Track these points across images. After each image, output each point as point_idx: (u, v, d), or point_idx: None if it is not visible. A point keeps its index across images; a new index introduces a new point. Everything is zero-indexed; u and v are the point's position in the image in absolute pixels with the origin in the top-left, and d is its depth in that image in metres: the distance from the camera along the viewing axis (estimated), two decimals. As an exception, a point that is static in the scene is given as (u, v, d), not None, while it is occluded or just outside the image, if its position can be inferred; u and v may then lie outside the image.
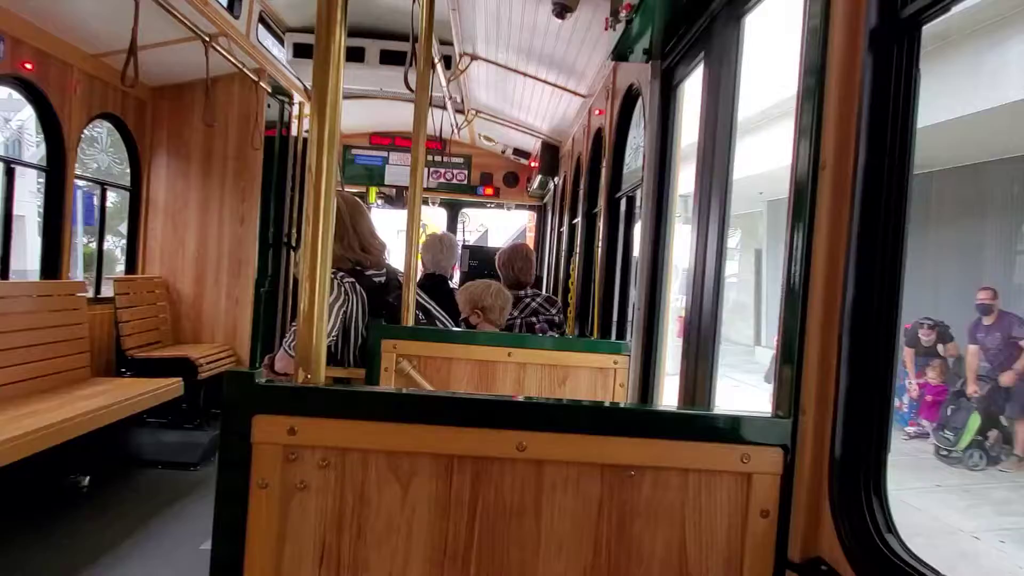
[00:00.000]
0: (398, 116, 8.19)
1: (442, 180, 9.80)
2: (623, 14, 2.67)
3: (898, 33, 1.22)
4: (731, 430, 1.33)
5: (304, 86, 7.16)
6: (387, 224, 11.07)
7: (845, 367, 1.24)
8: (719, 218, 2.24)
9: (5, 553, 3.75)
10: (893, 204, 1.21)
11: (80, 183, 7.44)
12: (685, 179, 3.01)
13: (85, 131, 5.57)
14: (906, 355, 8.73)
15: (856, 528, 1.20)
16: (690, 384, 2.36)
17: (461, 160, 9.77)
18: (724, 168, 2.22)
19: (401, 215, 10.28)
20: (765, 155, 10.73)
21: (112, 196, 6.42)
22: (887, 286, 1.24)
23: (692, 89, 2.84)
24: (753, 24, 2.13)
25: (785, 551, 1.33)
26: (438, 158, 9.40)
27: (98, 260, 6.19)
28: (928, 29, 1.20)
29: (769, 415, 1.36)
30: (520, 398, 1.54)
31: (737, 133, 2.18)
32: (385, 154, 9.54)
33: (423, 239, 4.67)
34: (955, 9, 1.19)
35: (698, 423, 1.35)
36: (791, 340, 1.34)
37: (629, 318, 4.09)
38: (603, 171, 4.69)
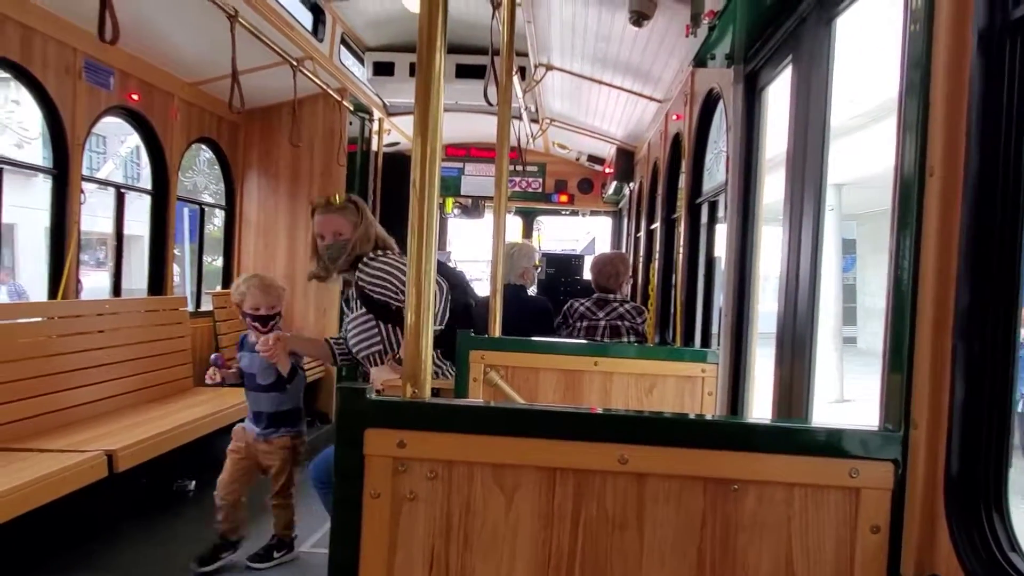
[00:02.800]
0: (473, 128, 8.33)
1: (517, 189, 9.89)
2: (706, 21, 2.65)
3: (1010, 33, 1.18)
4: (838, 444, 1.31)
5: (383, 102, 7.38)
6: (465, 233, 11.21)
7: (960, 378, 1.20)
8: (813, 223, 2.19)
9: (122, 551, 4.01)
10: (1009, 210, 1.17)
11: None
12: (771, 184, 2.96)
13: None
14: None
15: (976, 546, 1.16)
16: (785, 393, 2.32)
17: (536, 168, 9.84)
18: (817, 172, 2.17)
19: (475, 224, 10.44)
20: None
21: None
22: (1004, 293, 1.19)
23: (777, 92, 2.79)
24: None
25: (897, 568, 1.29)
26: (513, 167, 9.49)
27: (198, 276, 6.55)
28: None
29: (878, 428, 1.33)
30: (622, 411, 1.56)
31: (831, 137, 2.13)
32: (461, 165, 9.71)
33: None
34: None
35: (803, 437, 1.33)
36: (899, 351, 1.31)
37: (714, 325, 4.03)
38: (683, 176, 4.64)
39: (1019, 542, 1.17)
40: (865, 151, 10.03)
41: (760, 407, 2.93)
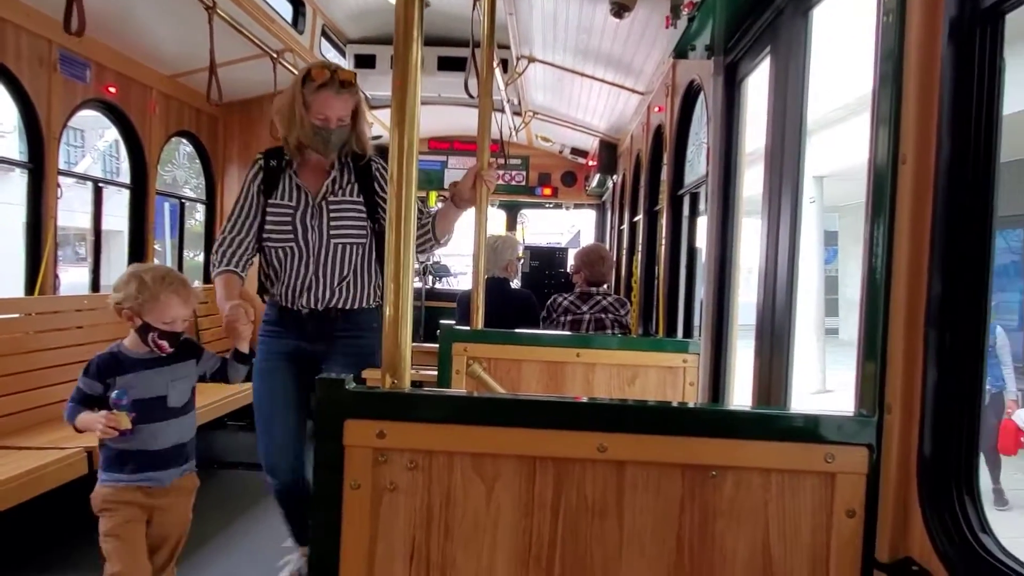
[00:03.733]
0: (456, 121, 8.30)
1: (500, 182, 9.86)
2: (685, 12, 2.66)
3: (979, 23, 1.20)
4: (814, 430, 1.33)
5: (365, 95, 7.33)
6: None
7: (932, 364, 1.22)
8: (790, 214, 2.21)
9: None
10: (979, 198, 1.19)
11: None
12: (751, 177, 2.98)
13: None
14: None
15: (948, 528, 1.18)
16: (764, 383, 2.34)
17: (519, 161, 9.82)
18: (795, 162, 2.19)
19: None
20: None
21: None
22: (974, 280, 1.21)
23: (756, 84, 2.81)
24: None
25: (872, 551, 1.32)
26: (496, 160, 9.48)
27: (178, 271, 6.50)
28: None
29: (852, 414, 1.35)
30: (601, 400, 1.57)
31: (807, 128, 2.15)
32: (444, 158, 9.67)
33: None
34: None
35: (780, 423, 1.35)
36: (873, 337, 1.33)
37: (696, 316, 4.06)
38: (664, 168, 4.66)
39: (990, 524, 1.19)
40: (847, 143, 10.13)
41: (740, 396, 2.96)
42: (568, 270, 8.14)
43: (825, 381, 12.59)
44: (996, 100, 1.18)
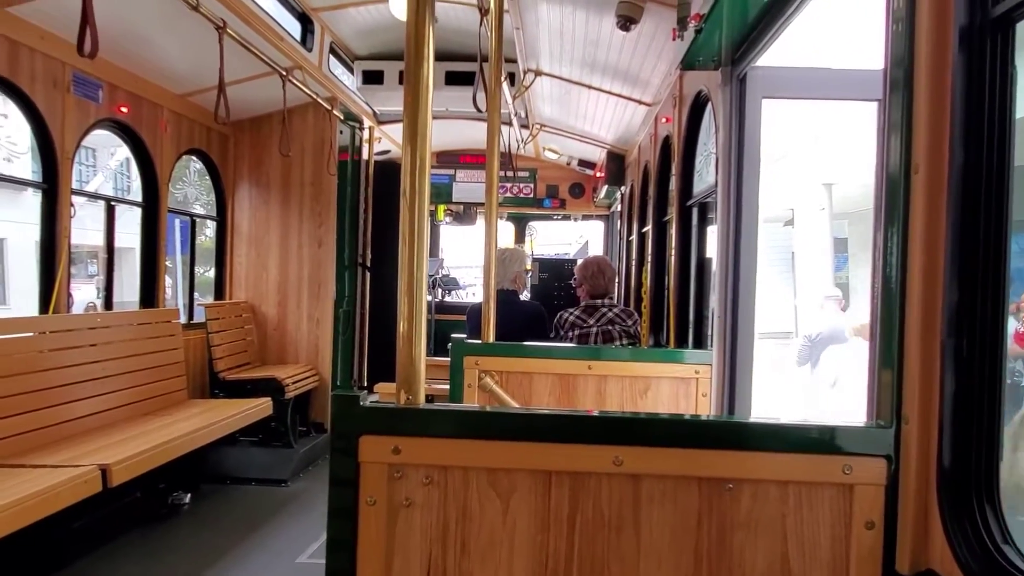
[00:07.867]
0: (463, 134, 8.34)
1: (508, 194, 9.89)
2: (692, 24, 2.67)
3: (989, 31, 1.20)
4: (831, 441, 1.32)
5: (373, 111, 7.39)
6: (457, 240, 11.19)
7: (949, 373, 1.21)
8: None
9: (117, 566, 3.99)
10: (994, 205, 1.18)
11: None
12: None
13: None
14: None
15: (970, 539, 1.17)
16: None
17: (527, 174, 9.85)
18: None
19: (467, 231, 10.44)
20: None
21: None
22: (991, 288, 1.20)
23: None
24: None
25: (893, 563, 1.30)
26: (504, 173, 9.51)
27: (190, 287, 6.53)
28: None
29: (870, 424, 1.34)
30: (616, 413, 1.57)
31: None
32: (452, 172, 9.71)
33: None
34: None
35: (796, 435, 1.34)
36: (889, 347, 1.32)
37: (706, 326, 4.04)
38: (673, 179, 4.65)
39: (1011, 534, 1.17)
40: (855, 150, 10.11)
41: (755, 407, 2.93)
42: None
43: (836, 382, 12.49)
44: (1009, 107, 1.17)
